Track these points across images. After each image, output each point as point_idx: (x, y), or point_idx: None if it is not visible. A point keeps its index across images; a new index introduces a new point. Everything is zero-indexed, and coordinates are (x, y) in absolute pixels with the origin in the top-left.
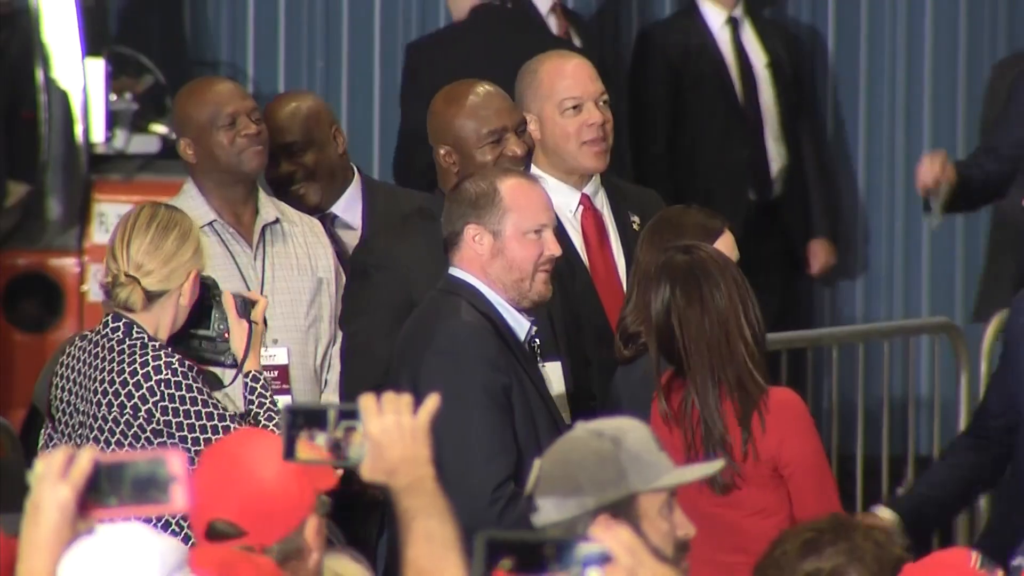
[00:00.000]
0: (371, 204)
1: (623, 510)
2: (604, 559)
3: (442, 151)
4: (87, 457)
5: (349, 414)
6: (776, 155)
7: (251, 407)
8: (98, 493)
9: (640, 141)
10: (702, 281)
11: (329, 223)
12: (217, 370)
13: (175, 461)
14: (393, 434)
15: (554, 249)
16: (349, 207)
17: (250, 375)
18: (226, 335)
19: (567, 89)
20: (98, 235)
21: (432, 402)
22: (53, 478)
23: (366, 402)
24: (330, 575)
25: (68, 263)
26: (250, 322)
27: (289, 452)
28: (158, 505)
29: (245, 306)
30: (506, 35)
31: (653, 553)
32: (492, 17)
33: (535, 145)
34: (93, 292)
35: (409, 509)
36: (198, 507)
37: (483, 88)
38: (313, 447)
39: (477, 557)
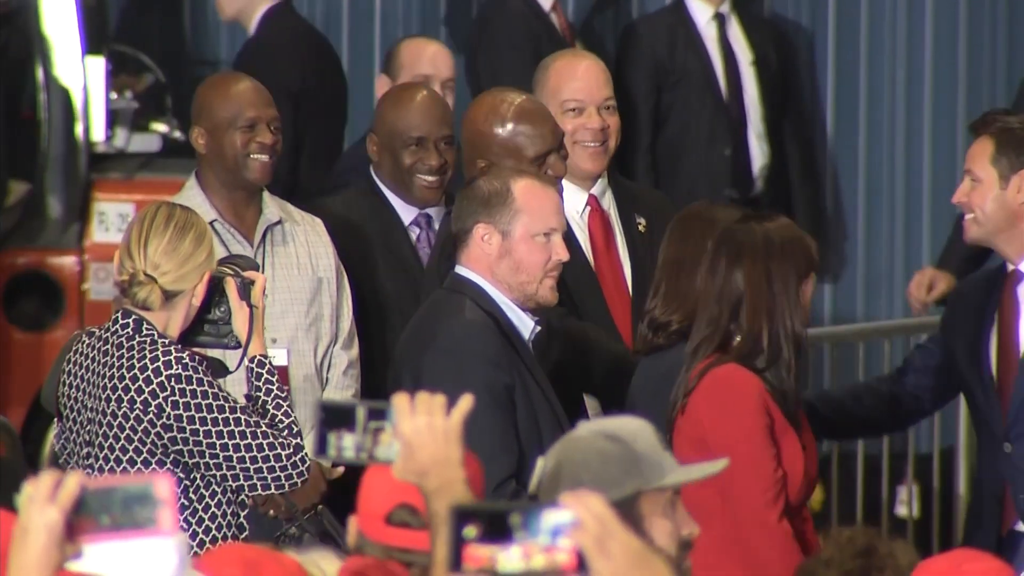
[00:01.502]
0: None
1: (626, 509)
2: (566, 530)
3: (481, 164)
4: (74, 480)
5: (378, 414)
6: (759, 153)
7: (258, 394)
8: (86, 516)
9: (623, 136)
10: (728, 250)
11: (425, 222)
12: (220, 353)
13: (163, 486)
14: (425, 435)
15: (562, 254)
16: (440, 208)
17: (255, 360)
18: (228, 318)
19: (573, 91)
20: (98, 234)
21: (466, 403)
22: (41, 501)
23: (399, 402)
24: (315, 569)
25: (68, 262)
26: (251, 305)
27: (320, 449)
28: (145, 530)
29: (245, 288)
30: (308, 35)
31: (657, 550)
32: (291, 19)
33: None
34: (93, 291)
35: (439, 511)
36: (386, 488)
37: (526, 106)
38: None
39: (447, 527)
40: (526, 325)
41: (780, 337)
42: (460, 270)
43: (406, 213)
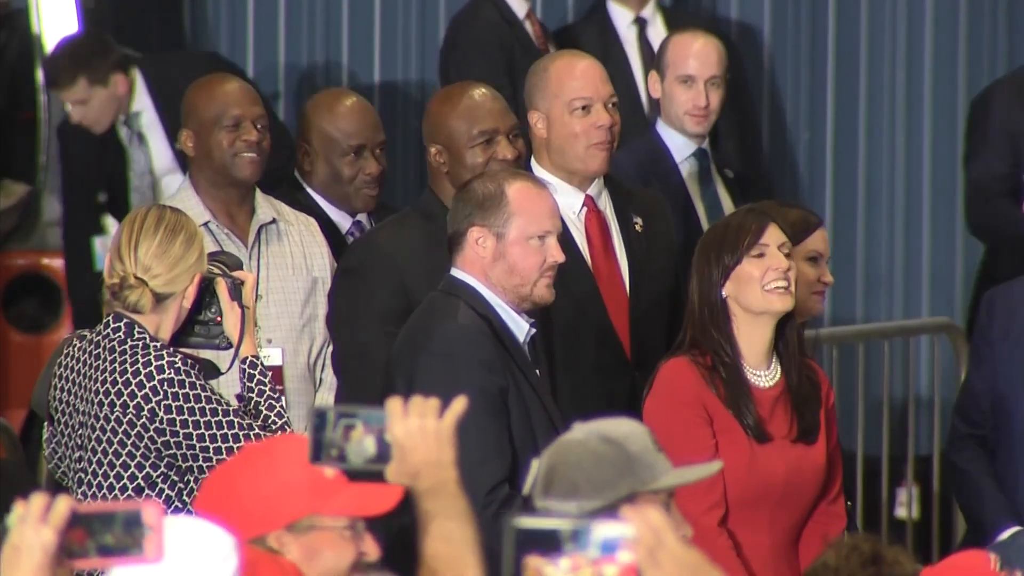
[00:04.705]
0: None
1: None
2: (623, 543)
3: (433, 150)
4: (64, 504)
5: (347, 414)
6: None
7: (250, 395)
8: (85, 539)
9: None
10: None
11: (359, 231)
12: (212, 354)
13: (151, 513)
14: (417, 437)
15: (557, 256)
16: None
17: (247, 361)
18: (218, 319)
19: (577, 89)
20: None
21: (459, 405)
22: (34, 521)
23: (392, 405)
24: None
25: None
26: (242, 306)
27: (316, 456)
28: (131, 556)
29: (236, 289)
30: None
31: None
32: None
33: (525, 152)
34: None
35: (429, 511)
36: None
37: (478, 90)
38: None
39: (506, 545)
40: (520, 327)
41: (699, 330)
42: (455, 272)
43: (342, 221)
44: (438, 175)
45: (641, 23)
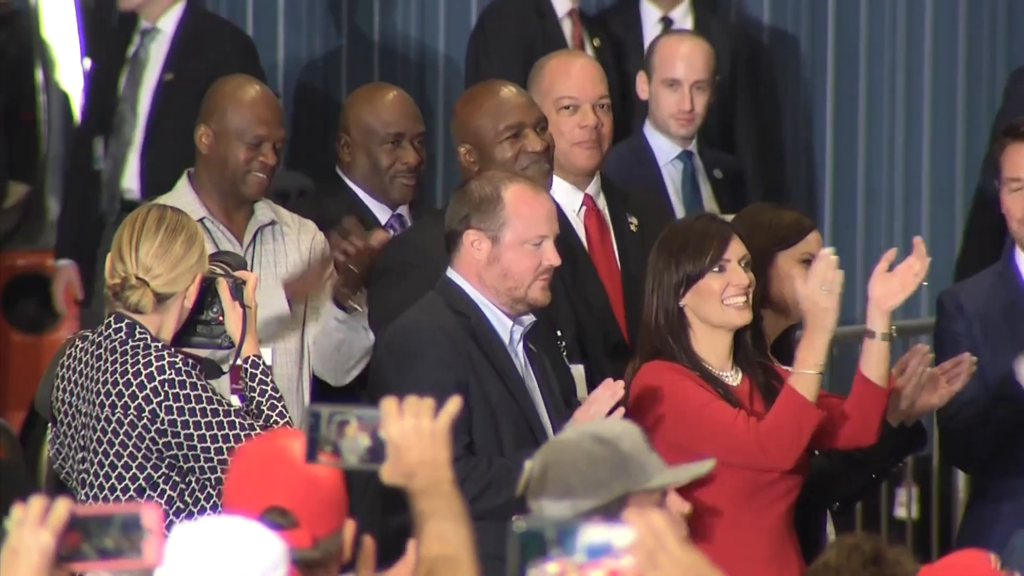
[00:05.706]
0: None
1: (615, 511)
2: (610, 549)
3: (463, 150)
4: (63, 506)
5: (341, 411)
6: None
7: (252, 394)
8: (80, 541)
9: None
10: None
11: (398, 223)
12: (214, 354)
13: (150, 515)
14: (412, 437)
15: (553, 260)
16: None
17: (248, 360)
18: (220, 318)
19: (566, 89)
20: None
21: (453, 405)
22: (32, 524)
23: (387, 405)
24: None
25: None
26: (244, 305)
27: (311, 455)
28: (130, 559)
29: (237, 288)
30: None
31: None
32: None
33: (553, 143)
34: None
35: (424, 511)
36: (246, 498)
37: (501, 87)
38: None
39: (510, 550)
40: (504, 326)
41: (658, 340)
42: (449, 272)
43: (381, 214)
44: (470, 174)
45: (667, 23)
